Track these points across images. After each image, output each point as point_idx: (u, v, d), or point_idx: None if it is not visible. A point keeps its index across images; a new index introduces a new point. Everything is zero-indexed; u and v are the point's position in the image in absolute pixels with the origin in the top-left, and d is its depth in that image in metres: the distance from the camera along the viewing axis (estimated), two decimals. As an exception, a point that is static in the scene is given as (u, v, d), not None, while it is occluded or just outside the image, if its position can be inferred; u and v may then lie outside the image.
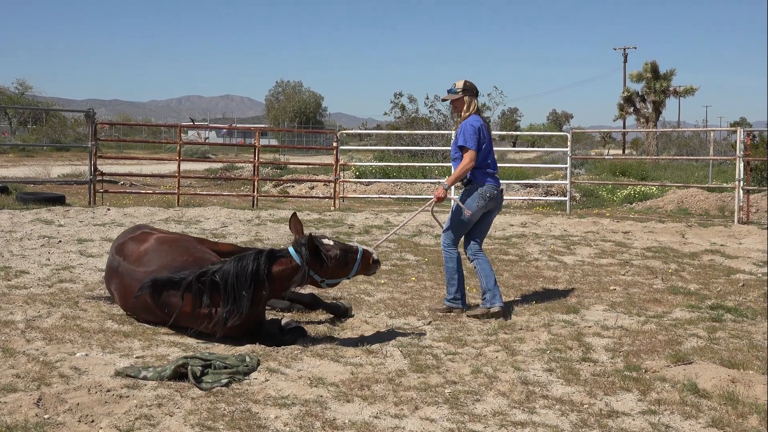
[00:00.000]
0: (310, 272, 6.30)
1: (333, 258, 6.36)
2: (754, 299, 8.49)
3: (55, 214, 14.11)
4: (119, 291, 6.97)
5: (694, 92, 55.85)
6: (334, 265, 6.39)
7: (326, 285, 6.53)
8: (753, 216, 16.94)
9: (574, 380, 5.53)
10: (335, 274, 6.46)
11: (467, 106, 7.73)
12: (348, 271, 6.49)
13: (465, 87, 7.73)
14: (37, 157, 38.62)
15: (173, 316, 6.31)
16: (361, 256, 6.50)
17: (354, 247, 6.57)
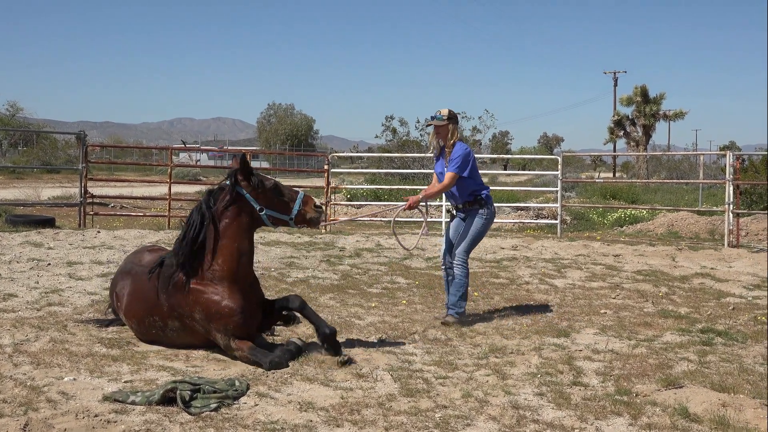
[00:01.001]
0: (245, 194, 6.50)
1: (271, 186, 6.60)
2: (745, 323, 8.49)
3: (44, 236, 14.06)
4: (130, 291, 7.03)
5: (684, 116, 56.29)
6: (271, 196, 6.57)
7: (267, 217, 6.57)
8: (743, 239, 16.99)
9: (565, 404, 5.51)
10: (274, 205, 6.57)
11: (451, 133, 8.26)
12: (288, 208, 6.60)
13: (450, 115, 8.26)
14: (28, 179, 38.56)
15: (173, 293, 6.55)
16: (301, 197, 6.64)
17: (293, 188, 6.84)
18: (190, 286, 6.49)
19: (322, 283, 10.43)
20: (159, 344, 6.86)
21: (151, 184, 31.78)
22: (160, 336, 6.79)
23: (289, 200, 6.63)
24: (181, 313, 6.54)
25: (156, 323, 6.74)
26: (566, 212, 21.23)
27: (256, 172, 6.65)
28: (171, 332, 6.70)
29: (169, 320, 6.64)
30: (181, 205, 23.17)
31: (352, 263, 12.32)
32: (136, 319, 6.92)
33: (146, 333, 6.88)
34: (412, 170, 27.83)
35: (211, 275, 6.46)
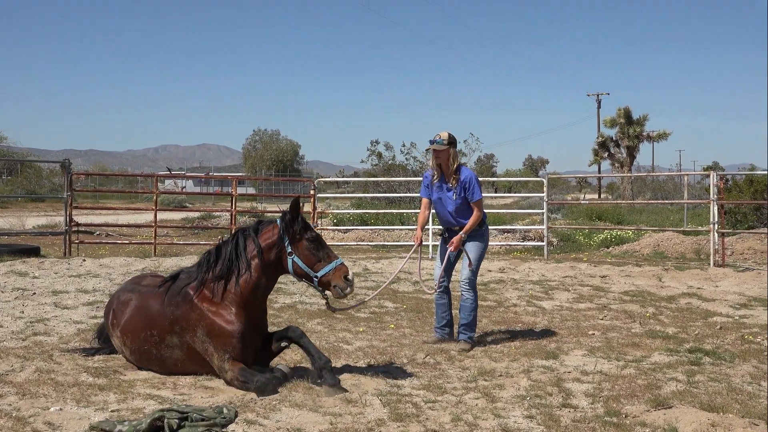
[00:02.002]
0: (285, 238, 6.51)
1: (311, 237, 6.55)
2: (732, 342, 8.52)
3: (29, 265, 13.97)
4: (131, 306, 7.03)
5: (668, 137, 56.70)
6: (308, 247, 6.52)
7: (292, 265, 6.53)
8: (728, 258, 17.08)
9: (554, 426, 5.50)
10: (306, 257, 6.52)
11: (453, 158, 8.21)
12: (318, 266, 6.51)
13: (450, 140, 8.18)
14: (12, 208, 38.35)
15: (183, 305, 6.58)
16: (337, 264, 6.52)
17: (335, 254, 6.64)
18: (200, 302, 6.54)
19: (309, 309, 10.39)
20: (147, 365, 6.82)
21: (136, 212, 31.69)
22: (152, 354, 6.74)
23: (322, 260, 6.54)
24: (183, 327, 6.54)
25: (152, 338, 6.71)
26: (552, 234, 21.29)
27: (305, 220, 6.65)
28: (165, 349, 6.67)
29: (168, 335, 6.63)
30: (167, 232, 23.11)
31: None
32: (132, 335, 6.87)
33: (138, 351, 6.83)
34: (399, 194, 27.89)
35: (224, 297, 6.52)
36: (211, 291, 6.57)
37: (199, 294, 6.58)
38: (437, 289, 8.45)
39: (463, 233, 8.23)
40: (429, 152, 8.36)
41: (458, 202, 8.23)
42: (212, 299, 6.53)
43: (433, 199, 8.47)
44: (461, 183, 8.20)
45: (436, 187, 8.38)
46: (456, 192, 8.21)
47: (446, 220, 8.42)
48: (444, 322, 8.51)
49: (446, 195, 8.28)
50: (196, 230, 24.67)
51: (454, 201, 8.24)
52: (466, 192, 8.21)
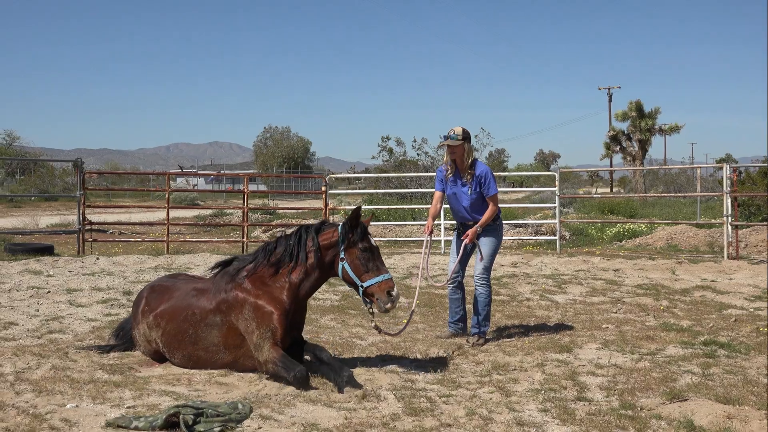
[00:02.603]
0: (342, 243, 6.65)
1: (364, 247, 6.64)
2: (747, 334, 8.49)
3: (43, 264, 14.04)
4: (172, 291, 7.22)
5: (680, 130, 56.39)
6: (359, 256, 6.62)
7: (341, 270, 6.68)
8: (742, 251, 17.01)
9: (569, 420, 5.49)
10: (355, 265, 6.63)
11: (467, 153, 8.21)
12: (365, 276, 6.60)
13: (464, 135, 8.18)
14: (26, 208, 38.53)
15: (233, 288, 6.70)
16: (384, 278, 6.60)
17: (385, 268, 6.74)
18: (252, 283, 6.68)
19: (322, 305, 10.41)
20: (177, 348, 6.88)
21: (149, 210, 31.78)
22: (187, 334, 6.81)
23: (371, 271, 6.62)
24: (230, 305, 6.65)
25: (192, 317, 6.82)
26: (565, 228, 21.24)
27: (365, 230, 6.73)
28: (204, 329, 6.75)
29: (211, 314, 6.73)
30: (179, 229, 23.18)
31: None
32: (169, 316, 6.98)
33: (173, 332, 6.90)
34: (410, 189, 27.86)
35: (275, 282, 6.66)
36: (264, 276, 6.71)
37: (252, 276, 6.73)
38: (450, 284, 8.43)
39: (479, 226, 8.21)
40: (443, 148, 8.33)
41: (473, 197, 8.23)
42: (264, 282, 6.68)
43: (447, 194, 8.46)
44: (477, 178, 8.19)
45: (451, 182, 8.38)
46: (471, 187, 8.21)
47: (461, 215, 8.41)
48: (458, 316, 8.51)
49: (461, 190, 8.28)
50: (208, 228, 24.74)
51: (469, 196, 8.23)
52: (481, 187, 8.21)
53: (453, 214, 8.59)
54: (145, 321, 7.20)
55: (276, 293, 6.61)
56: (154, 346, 7.12)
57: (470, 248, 8.41)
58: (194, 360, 6.85)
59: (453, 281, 8.43)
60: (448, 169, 8.35)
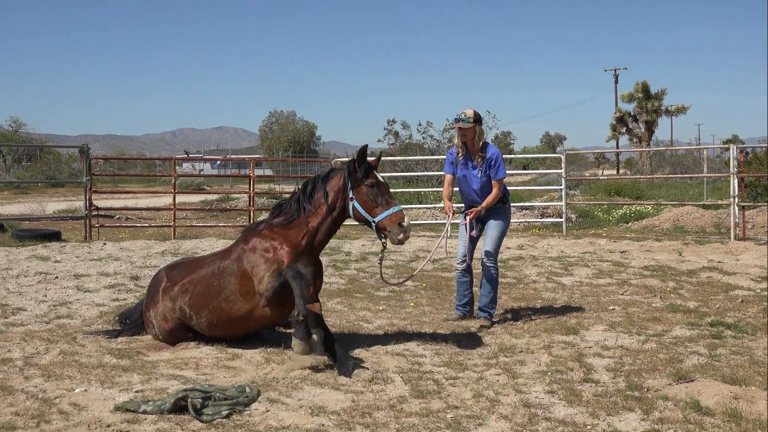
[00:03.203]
0: (349, 183, 6.71)
1: (370, 183, 6.67)
2: (754, 315, 8.48)
3: (51, 250, 14.09)
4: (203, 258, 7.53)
5: (686, 111, 56.20)
6: (367, 192, 6.66)
7: (353, 210, 6.73)
8: (749, 232, 16.97)
9: (576, 401, 5.50)
10: (364, 202, 6.68)
11: (478, 135, 8.17)
12: (376, 211, 6.63)
13: (476, 117, 8.14)
14: (32, 194, 38.60)
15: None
16: (394, 210, 6.61)
17: (394, 201, 6.74)
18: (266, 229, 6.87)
19: (329, 288, 10.43)
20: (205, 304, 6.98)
21: (155, 195, 31.86)
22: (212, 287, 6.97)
23: (380, 205, 6.65)
24: (244, 252, 6.82)
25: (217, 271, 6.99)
26: (571, 210, 21.21)
27: (369, 167, 6.77)
28: (225, 278, 6.89)
29: (230, 264, 6.90)
30: (185, 214, 23.22)
31: (358, 267, 12.33)
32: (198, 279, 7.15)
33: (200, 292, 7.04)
34: (416, 173, 27.81)
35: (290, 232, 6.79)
36: (279, 225, 6.86)
37: (269, 227, 6.88)
38: (459, 267, 8.42)
39: (483, 206, 8.21)
40: (453, 131, 8.28)
41: (483, 179, 8.22)
42: (279, 230, 6.80)
43: (457, 177, 8.44)
44: (487, 160, 8.18)
45: (461, 165, 8.34)
46: (481, 170, 8.19)
47: (470, 198, 8.39)
48: (465, 300, 8.51)
49: (471, 173, 8.26)
50: (214, 212, 24.77)
51: (480, 178, 8.22)
52: (491, 169, 8.20)
53: (462, 197, 8.56)
54: (168, 295, 7.28)
55: (290, 236, 6.75)
56: (178, 314, 7.19)
57: (478, 232, 8.41)
58: (217, 313, 6.94)
59: (461, 263, 8.40)
60: (459, 152, 8.32)
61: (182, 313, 7.18)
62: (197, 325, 7.15)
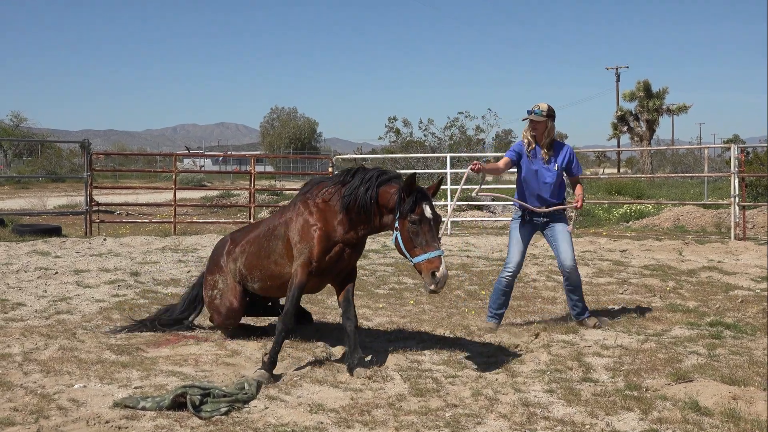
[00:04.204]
0: (397, 212, 6.12)
1: (413, 220, 6.02)
2: (753, 315, 8.48)
3: (51, 245, 14.09)
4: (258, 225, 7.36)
5: (687, 110, 56.15)
6: (409, 229, 6.02)
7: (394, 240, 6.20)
8: (749, 232, 16.97)
9: (575, 401, 5.50)
10: (405, 239, 6.07)
11: (548, 131, 7.90)
12: (414, 252, 6.00)
13: (549, 111, 7.84)
14: (33, 189, 38.63)
15: None
16: (431, 256, 5.92)
17: (438, 243, 6.04)
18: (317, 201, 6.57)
19: (329, 286, 10.40)
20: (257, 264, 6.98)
21: (156, 191, 31.87)
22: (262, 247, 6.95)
23: (418, 246, 5.99)
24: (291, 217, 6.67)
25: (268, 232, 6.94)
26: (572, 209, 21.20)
27: (416, 201, 6.07)
28: (273, 240, 6.82)
29: (279, 226, 6.80)
30: (186, 210, 23.21)
31: (358, 264, 12.29)
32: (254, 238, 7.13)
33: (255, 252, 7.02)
34: (417, 170, 27.78)
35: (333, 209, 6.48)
36: (329, 198, 6.52)
37: (320, 195, 6.59)
38: (508, 276, 7.98)
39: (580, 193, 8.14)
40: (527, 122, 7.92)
41: (559, 174, 7.95)
42: (326, 203, 6.52)
43: (525, 172, 7.99)
44: (564, 155, 7.97)
45: (531, 160, 7.94)
46: (558, 163, 7.92)
47: (538, 194, 7.97)
48: (503, 309, 8.08)
49: (544, 167, 7.91)
50: (215, 209, 24.76)
51: (555, 172, 7.91)
52: (569, 165, 8.01)
53: (527, 192, 8.05)
54: (231, 258, 7.28)
55: (329, 216, 6.48)
56: (238, 278, 7.19)
57: (526, 237, 8.12)
58: (268, 274, 6.91)
59: (511, 273, 7.98)
60: (528, 145, 7.93)
61: (241, 275, 7.16)
62: (252, 288, 7.14)
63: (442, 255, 5.98)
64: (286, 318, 6.28)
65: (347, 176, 6.51)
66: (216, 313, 7.35)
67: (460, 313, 8.78)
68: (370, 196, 6.28)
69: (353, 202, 6.32)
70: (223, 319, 7.30)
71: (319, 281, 6.79)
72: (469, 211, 22.60)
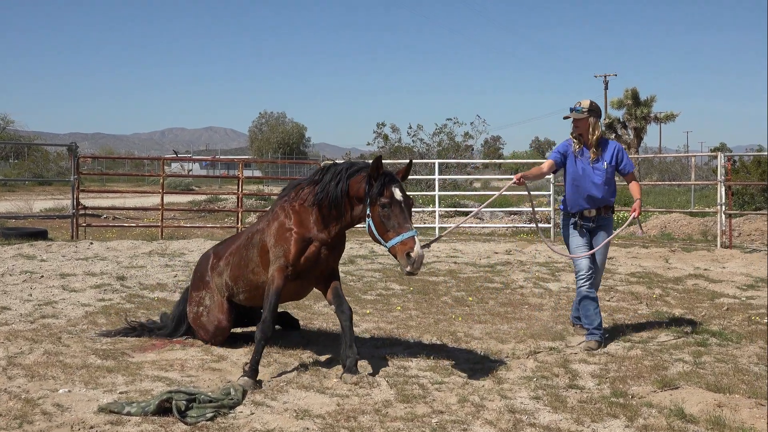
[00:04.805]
0: (367, 199, 6.08)
1: (383, 203, 5.97)
2: (739, 323, 8.52)
3: (37, 249, 14.01)
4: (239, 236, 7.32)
5: (675, 118, 56.35)
6: (380, 213, 5.97)
7: (368, 228, 6.14)
8: (735, 240, 17.04)
9: (561, 407, 5.51)
10: (377, 223, 6.02)
11: (592, 128, 7.55)
12: (387, 236, 5.96)
13: (591, 108, 7.51)
14: (19, 192, 38.42)
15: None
16: (404, 237, 5.86)
17: (410, 224, 5.97)
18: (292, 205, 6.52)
19: (315, 291, 10.38)
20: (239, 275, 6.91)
21: (143, 195, 31.75)
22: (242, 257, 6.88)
23: (391, 229, 5.94)
24: (267, 222, 6.65)
25: (246, 241, 6.90)
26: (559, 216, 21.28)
27: (383, 183, 6.03)
28: (250, 249, 6.78)
29: (256, 234, 6.77)
30: (173, 215, 23.15)
31: (345, 270, 12.30)
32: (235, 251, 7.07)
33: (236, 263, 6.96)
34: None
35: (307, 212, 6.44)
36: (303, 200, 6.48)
37: (294, 199, 6.56)
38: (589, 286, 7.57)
39: (639, 198, 7.70)
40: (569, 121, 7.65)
41: (609, 172, 7.56)
42: (302, 206, 6.47)
43: (571, 172, 7.65)
44: (612, 152, 7.60)
45: (578, 159, 7.60)
46: (606, 161, 7.53)
47: (589, 195, 7.56)
48: (599, 320, 7.54)
49: (591, 166, 7.54)
50: (202, 213, 24.70)
51: (605, 171, 7.53)
52: (619, 163, 7.63)
53: (576, 194, 7.64)
54: (216, 272, 7.22)
55: (304, 217, 6.42)
56: (225, 293, 7.11)
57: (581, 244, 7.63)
58: (250, 285, 6.83)
59: (589, 278, 7.57)
60: (575, 145, 7.60)
61: (228, 288, 7.09)
62: (238, 299, 7.07)
63: (416, 235, 5.91)
64: (264, 326, 6.25)
65: (320, 174, 6.49)
66: (202, 330, 7.26)
67: (447, 319, 8.78)
68: (341, 189, 6.24)
69: (325, 198, 6.29)
70: (210, 337, 7.22)
71: (300, 286, 6.73)
72: (457, 218, 22.62)
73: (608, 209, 7.71)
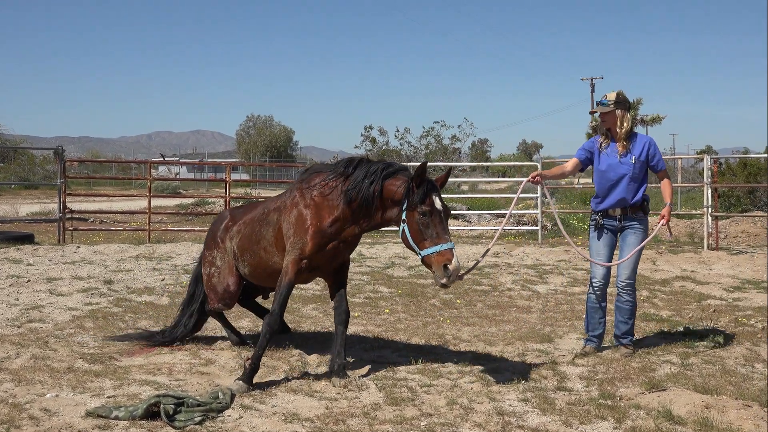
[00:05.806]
0: (404, 202, 5.94)
1: (423, 211, 5.83)
2: (726, 324, 8.56)
3: (23, 253, 13.94)
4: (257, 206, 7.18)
5: (661, 120, 56.68)
6: (418, 220, 5.85)
7: (401, 233, 6.01)
8: (722, 242, 17.13)
9: (549, 410, 5.52)
10: (414, 231, 5.89)
11: (620, 120, 7.15)
12: (423, 245, 5.83)
13: (618, 99, 7.15)
14: (5, 196, 38.23)
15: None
16: (442, 248, 5.76)
17: (448, 236, 5.88)
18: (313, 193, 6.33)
19: (304, 294, 10.40)
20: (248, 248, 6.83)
21: (130, 198, 31.65)
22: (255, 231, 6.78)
23: (428, 239, 5.82)
24: (285, 206, 6.47)
25: (261, 216, 6.79)
26: (546, 218, 21.30)
27: (426, 191, 5.89)
28: (265, 226, 6.65)
29: (272, 213, 6.65)
30: (161, 218, 23.06)
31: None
32: (249, 219, 6.97)
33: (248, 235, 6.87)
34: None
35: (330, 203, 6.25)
36: (327, 190, 6.30)
37: (318, 186, 6.36)
38: (596, 291, 7.42)
39: (670, 203, 7.27)
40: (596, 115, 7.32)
41: (636, 168, 7.11)
42: (323, 195, 6.29)
43: (598, 169, 7.30)
44: (643, 147, 7.16)
45: (605, 155, 7.23)
46: (635, 155, 7.10)
47: (613, 191, 7.20)
48: (600, 330, 7.41)
49: (618, 161, 7.13)
50: (190, 216, 24.62)
51: (632, 165, 7.09)
52: (650, 158, 7.19)
53: (603, 195, 7.31)
54: (228, 235, 7.13)
55: (326, 211, 6.24)
56: (231, 259, 7.05)
57: (604, 246, 7.37)
58: (257, 260, 6.75)
59: (599, 286, 7.39)
60: (603, 140, 7.26)
61: (234, 255, 7.02)
62: (242, 271, 6.99)
63: (454, 248, 5.83)
64: (272, 319, 6.17)
65: (349, 168, 6.29)
66: (212, 292, 7.16)
67: (436, 322, 8.78)
68: (374, 189, 6.07)
69: (356, 197, 6.11)
70: (217, 299, 7.12)
71: (310, 276, 6.68)
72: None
73: (636, 209, 7.25)
